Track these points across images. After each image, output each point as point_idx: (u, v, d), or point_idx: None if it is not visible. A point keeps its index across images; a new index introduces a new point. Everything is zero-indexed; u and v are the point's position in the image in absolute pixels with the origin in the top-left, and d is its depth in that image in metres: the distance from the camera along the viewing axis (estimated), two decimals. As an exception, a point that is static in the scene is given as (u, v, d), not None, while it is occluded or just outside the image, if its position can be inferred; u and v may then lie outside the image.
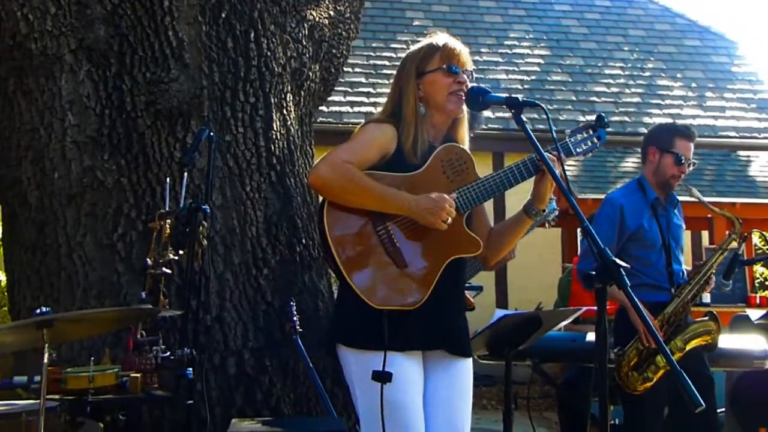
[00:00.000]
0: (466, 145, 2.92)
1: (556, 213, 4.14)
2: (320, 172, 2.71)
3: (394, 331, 2.61)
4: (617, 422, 4.73)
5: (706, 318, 4.11)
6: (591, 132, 2.91)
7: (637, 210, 4.23)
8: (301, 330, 4.12)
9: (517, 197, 3.10)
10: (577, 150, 2.89)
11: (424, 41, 2.92)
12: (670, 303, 4.07)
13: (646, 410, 4.08)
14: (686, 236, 4.29)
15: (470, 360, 2.90)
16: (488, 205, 2.95)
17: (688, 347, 4.03)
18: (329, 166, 2.70)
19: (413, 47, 2.94)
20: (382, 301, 2.62)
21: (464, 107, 2.86)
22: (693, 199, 4.21)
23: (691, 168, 4.27)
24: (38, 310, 2.94)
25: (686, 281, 4.14)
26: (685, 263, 4.43)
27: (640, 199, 4.26)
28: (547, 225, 4.25)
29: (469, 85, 2.84)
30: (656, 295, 4.12)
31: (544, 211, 2.87)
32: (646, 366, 4.01)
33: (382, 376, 2.58)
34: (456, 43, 2.88)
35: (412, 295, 2.67)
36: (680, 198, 4.45)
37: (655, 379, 3.99)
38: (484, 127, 10.35)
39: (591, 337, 4.63)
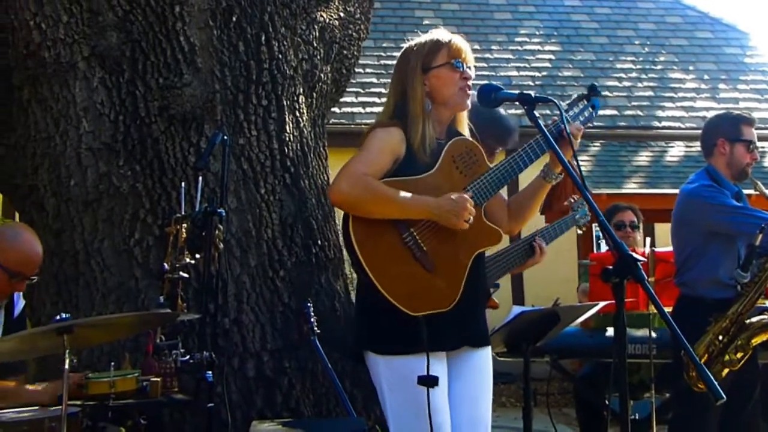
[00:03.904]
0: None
1: (588, 218, 4.12)
2: (341, 188, 2.67)
3: (418, 333, 2.61)
4: (637, 417, 4.72)
5: (766, 315, 4.03)
6: (585, 102, 2.94)
7: None
8: (318, 331, 4.13)
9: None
10: (577, 123, 2.91)
11: (425, 37, 2.90)
12: (737, 301, 3.96)
13: (702, 405, 4.00)
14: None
15: (489, 348, 2.91)
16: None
17: (753, 343, 3.96)
18: (349, 180, 2.66)
19: (414, 43, 2.91)
20: (417, 306, 2.61)
21: (468, 102, 2.87)
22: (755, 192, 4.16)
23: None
24: (58, 317, 2.96)
25: (752, 279, 3.99)
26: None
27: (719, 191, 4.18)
28: (578, 230, 4.24)
29: (473, 76, 2.85)
30: (722, 291, 4.05)
31: (561, 174, 2.88)
32: (715, 363, 3.92)
33: (428, 381, 2.58)
34: (460, 39, 2.88)
35: (445, 296, 2.67)
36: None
37: (723, 375, 3.92)
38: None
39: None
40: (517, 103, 2.69)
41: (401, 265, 2.65)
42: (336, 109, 8.93)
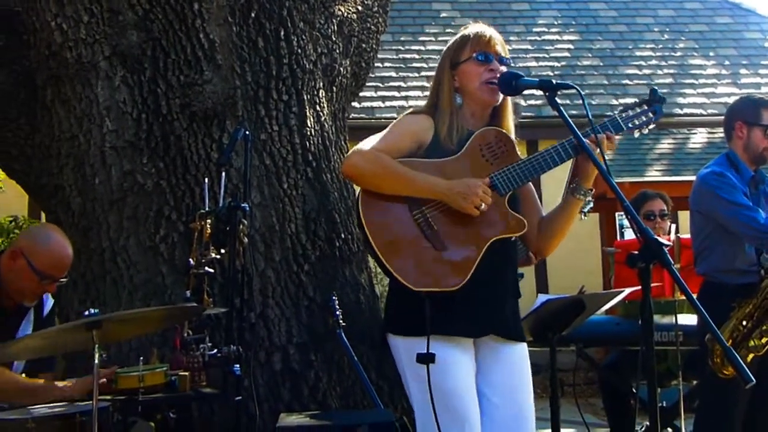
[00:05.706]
0: (512, 133, 2.90)
1: (591, 205, 4.11)
2: (352, 161, 2.77)
3: (439, 316, 2.61)
4: (664, 404, 4.70)
5: None
6: (645, 107, 2.89)
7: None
8: (344, 324, 4.14)
9: (555, 185, 3.09)
10: (629, 125, 2.86)
11: (459, 32, 2.96)
12: (761, 287, 3.86)
13: (728, 392, 3.96)
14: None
15: (524, 344, 2.89)
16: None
17: None
18: (360, 154, 2.75)
19: (450, 40, 2.98)
20: (423, 284, 2.61)
21: (501, 95, 2.86)
22: None
23: None
24: (87, 312, 3.00)
25: None
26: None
27: (735, 176, 4.12)
28: (582, 216, 4.22)
29: (501, 68, 2.84)
30: (743, 277, 3.97)
31: (591, 189, 2.85)
32: (740, 349, 3.87)
33: (426, 358, 2.58)
34: (487, 30, 2.91)
35: (453, 277, 2.64)
36: None
37: (749, 360, 3.86)
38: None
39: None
40: (538, 90, 2.68)
41: (408, 241, 2.67)
42: (356, 104, 8.91)
